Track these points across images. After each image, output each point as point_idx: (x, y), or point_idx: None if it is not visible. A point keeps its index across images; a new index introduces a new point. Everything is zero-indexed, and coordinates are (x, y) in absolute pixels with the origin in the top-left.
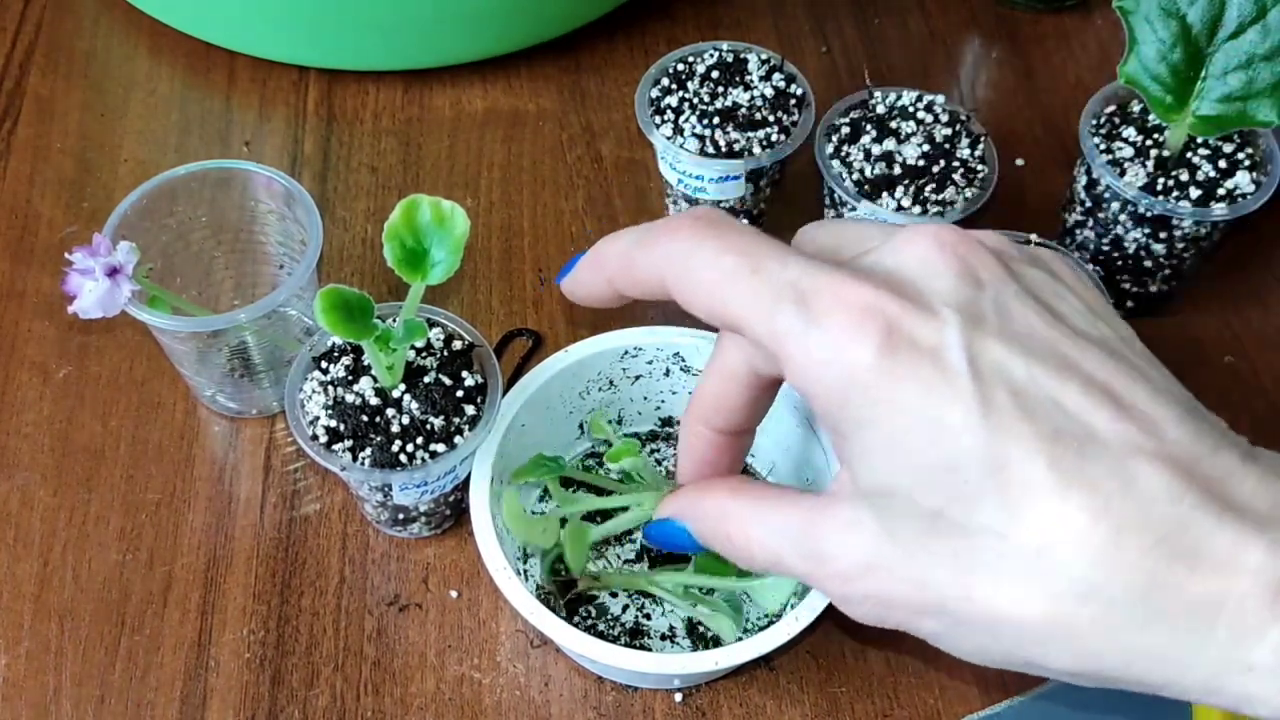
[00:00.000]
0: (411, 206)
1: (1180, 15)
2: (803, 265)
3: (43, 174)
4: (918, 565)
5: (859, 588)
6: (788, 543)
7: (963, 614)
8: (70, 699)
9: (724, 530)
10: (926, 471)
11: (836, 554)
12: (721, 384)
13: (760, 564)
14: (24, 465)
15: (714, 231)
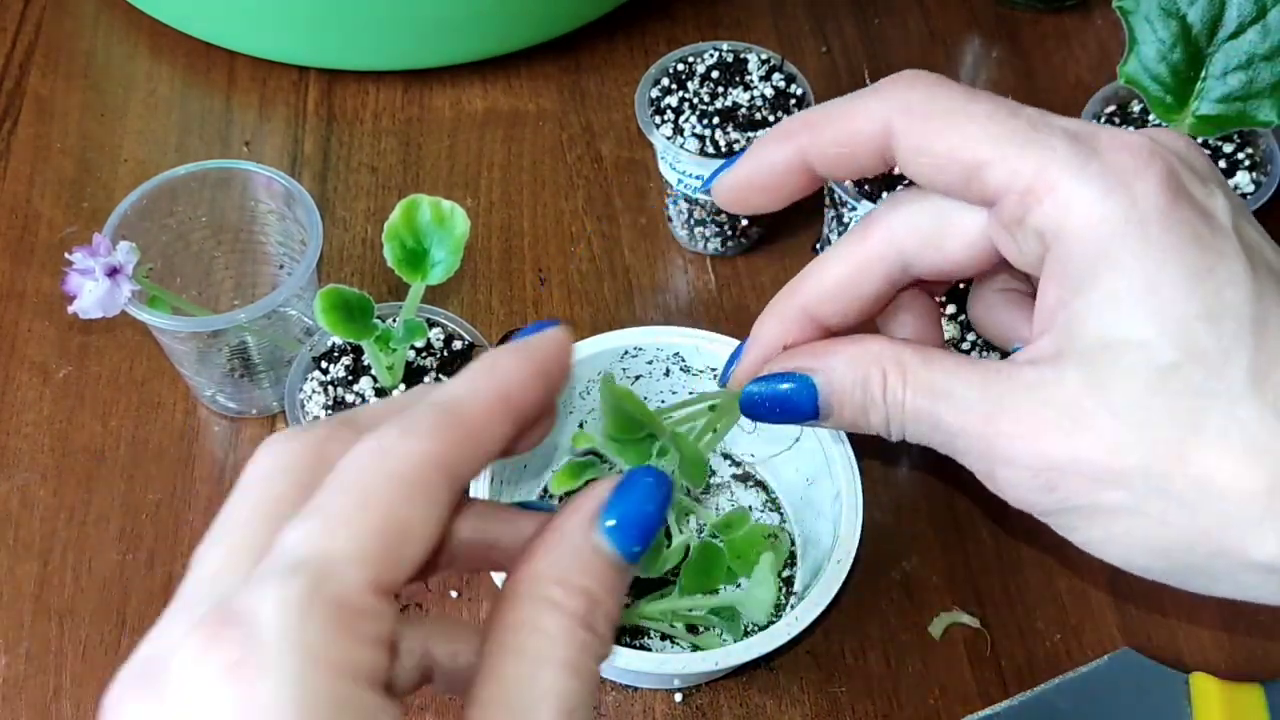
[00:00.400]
0: (411, 206)
1: (1180, 15)
2: (1062, 117)
3: (43, 174)
4: (1126, 425)
5: (1033, 450)
6: (955, 394)
7: (1165, 484)
8: (70, 699)
9: (872, 374)
10: (1178, 321)
11: (1020, 412)
12: (854, 268)
13: (908, 414)
14: (24, 465)
15: (950, 82)
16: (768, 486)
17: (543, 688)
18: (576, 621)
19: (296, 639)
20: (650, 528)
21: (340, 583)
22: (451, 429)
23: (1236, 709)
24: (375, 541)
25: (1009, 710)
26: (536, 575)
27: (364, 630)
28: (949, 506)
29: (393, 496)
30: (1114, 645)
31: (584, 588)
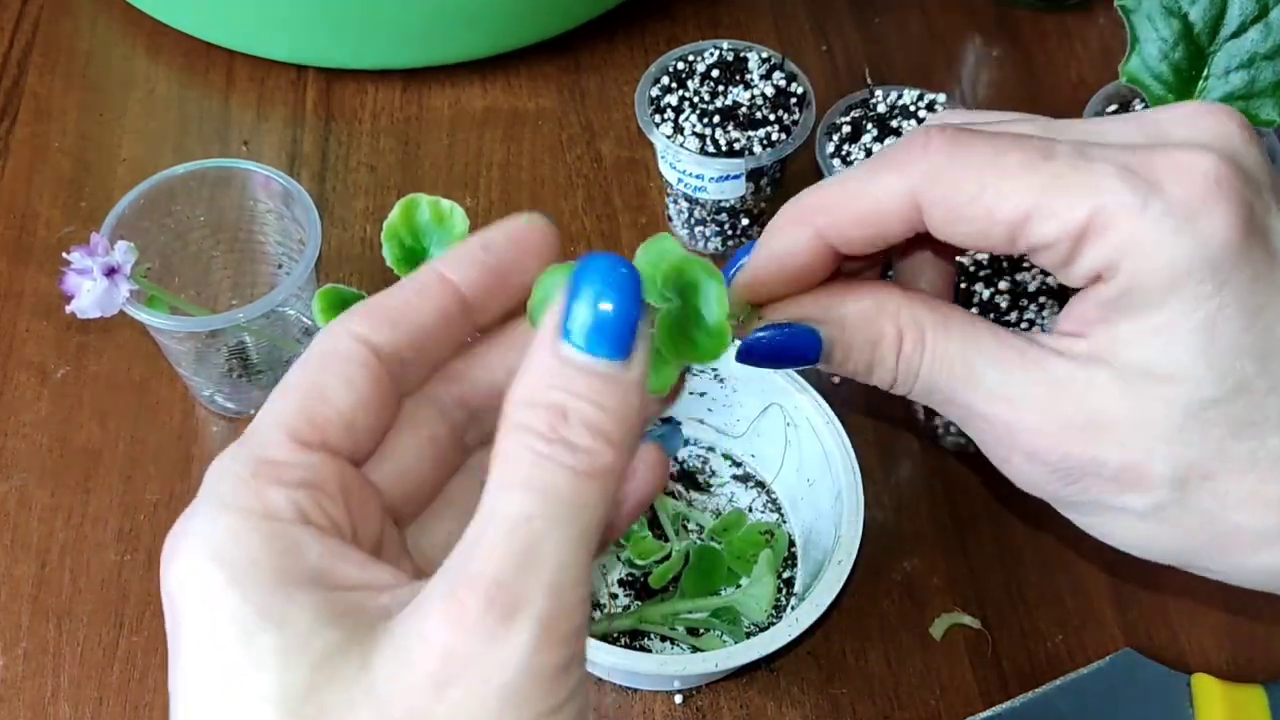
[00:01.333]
0: (410, 206)
1: (1182, 14)
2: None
3: (41, 173)
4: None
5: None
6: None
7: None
8: (69, 700)
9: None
10: (1228, 359)
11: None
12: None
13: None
14: (22, 466)
15: (970, 134)
16: (768, 487)
17: (498, 509)
18: (535, 436)
19: (212, 490)
20: (618, 322)
21: (257, 443)
22: (371, 306)
23: (1238, 710)
24: (287, 404)
25: (1010, 711)
26: (508, 403)
27: (282, 475)
28: (950, 507)
29: (309, 368)
30: (1116, 646)
31: (549, 401)
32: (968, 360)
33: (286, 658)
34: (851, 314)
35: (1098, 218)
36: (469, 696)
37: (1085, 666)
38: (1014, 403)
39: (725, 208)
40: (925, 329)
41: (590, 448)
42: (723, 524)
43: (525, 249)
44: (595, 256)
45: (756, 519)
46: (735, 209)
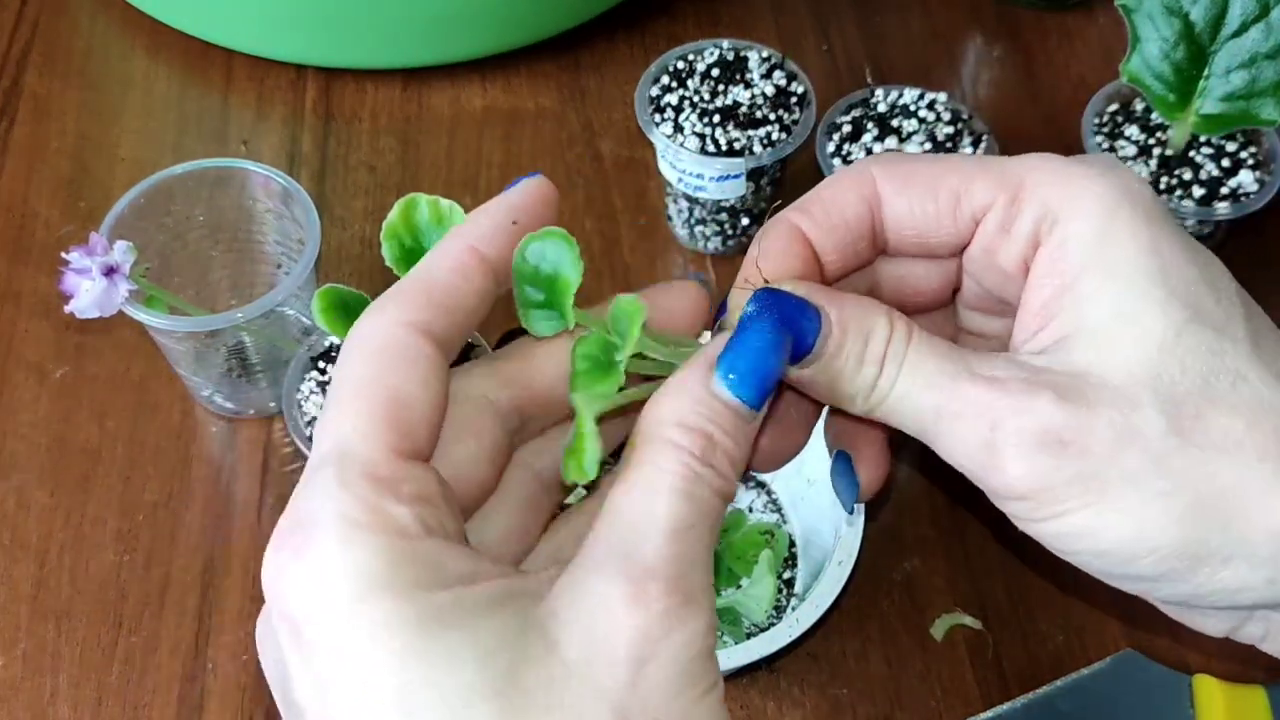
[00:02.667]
0: (410, 205)
1: (1183, 13)
2: None
3: (39, 173)
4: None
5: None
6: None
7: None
8: (67, 701)
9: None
10: (1185, 284)
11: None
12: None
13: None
14: (20, 466)
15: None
16: (768, 487)
17: (654, 511)
18: (691, 456)
19: (334, 513)
20: (765, 375)
21: (360, 459)
22: (417, 292)
23: (1239, 711)
24: (376, 414)
25: (1011, 712)
26: (657, 419)
27: (399, 491)
28: (951, 507)
29: (378, 371)
30: (1116, 647)
31: (701, 428)
32: (952, 350)
33: (478, 648)
34: (849, 301)
35: (1028, 178)
36: (665, 671)
37: (1086, 667)
38: (1000, 380)
39: (725, 207)
40: (912, 326)
41: (729, 475)
42: (723, 524)
43: (543, 217)
44: (764, 316)
45: (756, 519)
46: (735, 209)
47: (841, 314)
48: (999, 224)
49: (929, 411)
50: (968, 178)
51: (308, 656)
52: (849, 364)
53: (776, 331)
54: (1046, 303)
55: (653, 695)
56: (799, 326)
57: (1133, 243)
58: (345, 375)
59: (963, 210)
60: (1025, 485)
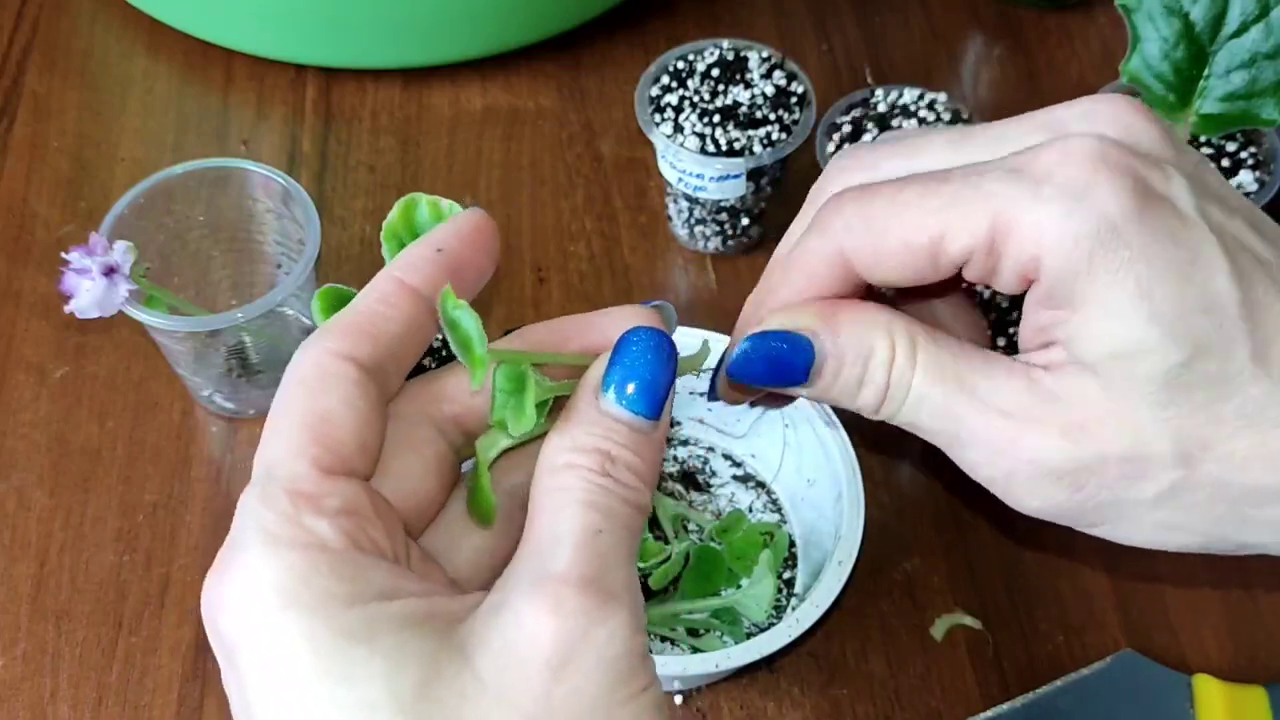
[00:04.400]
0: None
1: (1183, 13)
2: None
3: (39, 173)
4: (1151, 420)
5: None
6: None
7: (1194, 468)
8: (67, 701)
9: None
10: (1179, 320)
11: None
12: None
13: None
14: (20, 466)
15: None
16: (768, 487)
17: (560, 525)
18: (590, 471)
19: (255, 530)
20: (652, 384)
21: (284, 476)
22: (343, 323)
23: (1239, 711)
24: (301, 434)
25: (1011, 712)
26: (554, 449)
27: (322, 505)
28: (951, 507)
29: (303, 395)
30: (1116, 646)
31: (595, 447)
32: (960, 373)
33: (388, 664)
34: (845, 325)
35: (999, 220)
36: (585, 675)
37: (1086, 667)
38: (1011, 415)
39: (725, 207)
40: (917, 341)
41: (634, 484)
42: (723, 524)
43: (475, 245)
44: (641, 330)
45: (757, 519)
46: (735, 208)
47: (836, 341)
48: (982, 271)
49: (943, 436)
50: (936, 231)
51: (237, 673)
52: (849, 388)
53: (655, 339)
54: (1045, 328)
55: (571, 701)
56: (789, 363)
57: (1118, 285)
58: (277, 404)
59: (941, 265)
60: (1046, 514)
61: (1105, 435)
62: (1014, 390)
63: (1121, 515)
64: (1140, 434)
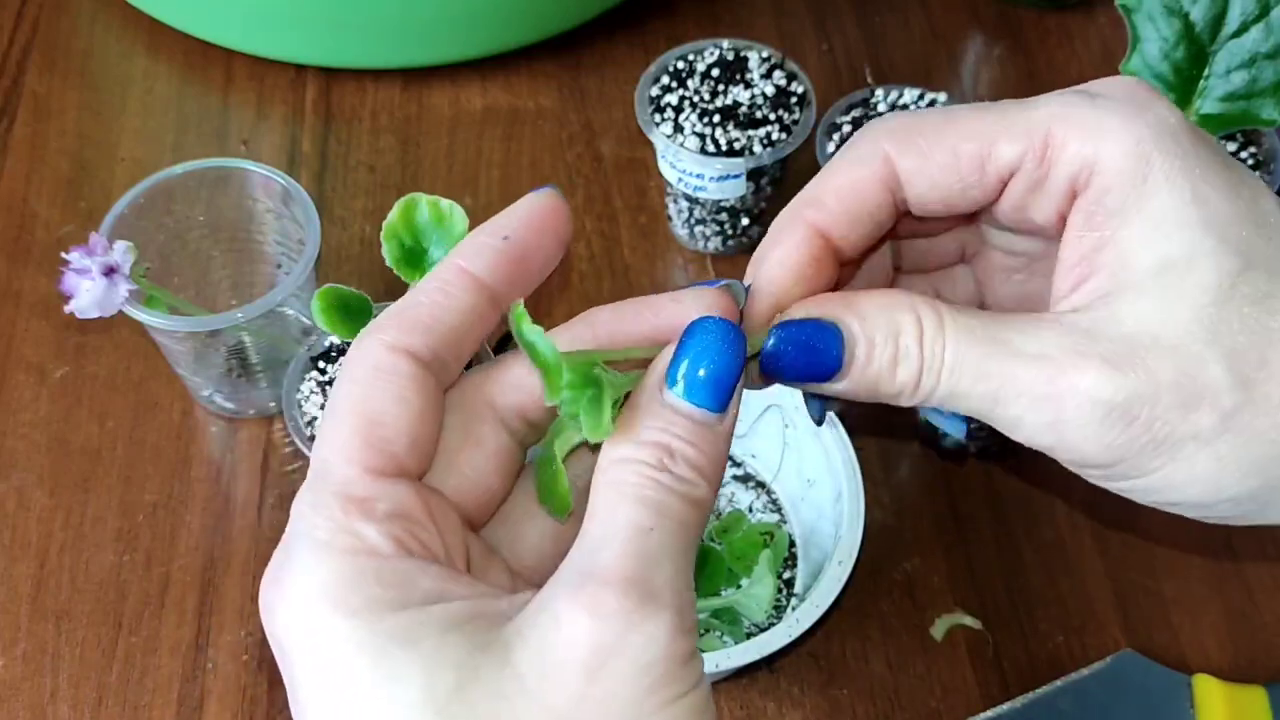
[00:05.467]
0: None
1: (1183, 13)
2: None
3: (39, 173)
4: (1203, 341)
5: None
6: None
7: (1251, 391)
8: (67, 701)
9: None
10: (1233, 229)
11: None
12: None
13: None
14: (20, 466)
15: (919, 111)
16: (768, 487)
17: (612, 522)
18: (648, 466)
19: (306, 536)
20: (719, 375)
21: (335, 480)
22: (399, 314)
23: (1239, 711)
24: (352, 435)
25: (1011, 712)
26: (613, 444)
27: (372, 510)
28: (951, 507)
29: (356, 392)
30: (1116, 646)
31: (655, 441)
32: (991, 332)
33: (426, 667)
34: (871, 307)
35: (1056, 123)
36: (620, 679)
37: (1086, 667)
38: (1050, 358)
39: (725, 207)
40: (943, 312)
41: (694, 480)
42: (723, 525)
43: (542, 230)
44: (708, 320)
45: (757, 519)
46: (735, 209)
47: (864, 323)
48: (1028, 184)
49: (984, 399)
50: (989, 139)
51: (290, 673)
52: (884, 370)
53: (720, 329)
54: (1086, 256)
55: (604, 705)
56: (821, 350)
57: (1175, 190)
58: (331, 401)
59: (988, 174)
60: (1099, 459)
61: (1154, 360)
62: (1050, 334)
63: (1177, 453)
64: (1192, 355)
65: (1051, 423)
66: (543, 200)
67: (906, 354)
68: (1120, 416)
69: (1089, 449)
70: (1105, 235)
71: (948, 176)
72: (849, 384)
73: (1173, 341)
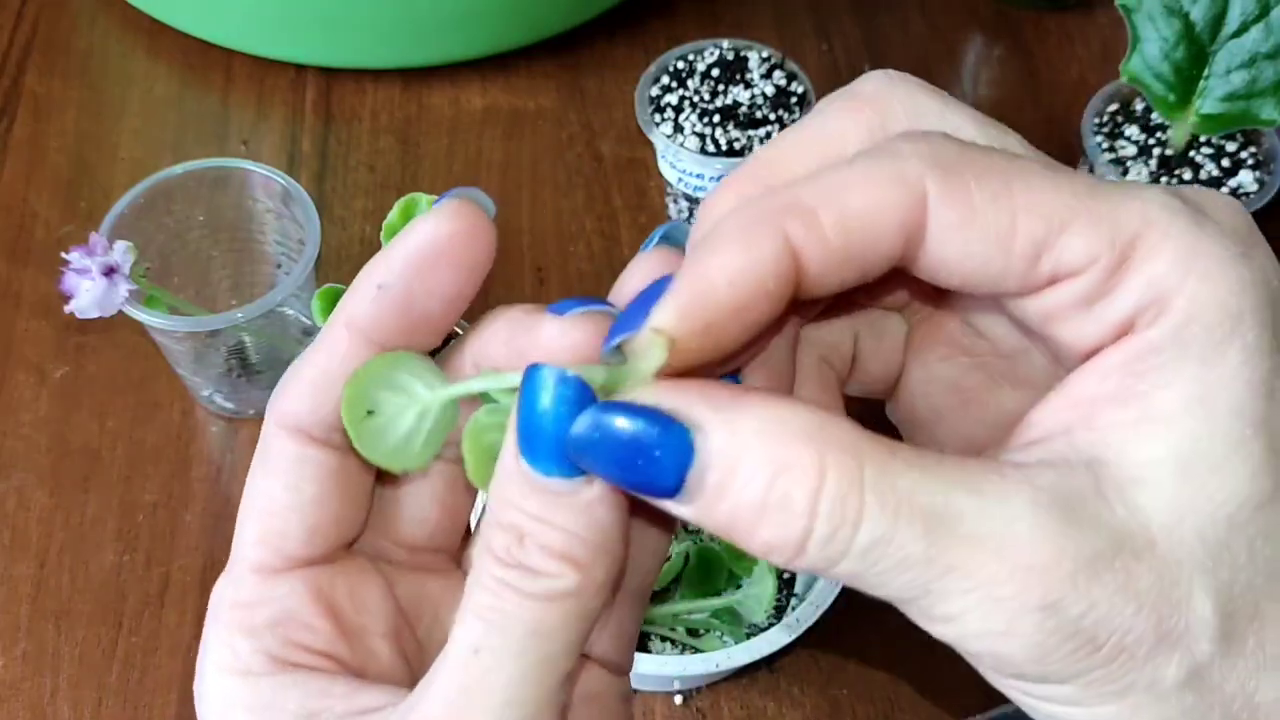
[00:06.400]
0: (410, 205)
1: (1183, 13)
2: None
3: (39, 173)
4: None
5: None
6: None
7: (1233, 646)
8: (67, 701)
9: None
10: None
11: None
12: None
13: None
14: (20, 466)
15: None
16: None
17: (453, 640)
18: (493, 560)
19: (204, 646)
20: (552, 438)
21: (231, 578)
22: (295, 385)
23: None
24: (244, 527)
25: (1014, 713)
26: (488, 506)
27: (253, 621)
28: None
29: (252, 482)
30: None
31: (507, 522)
32: (936, 496)
33: None
34: (751, 415)
35: (1150, 230)
36: None
37: None
38: (1008, 542)
39: None
40: (863, 454)
41: (548, 570)
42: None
43: (433, 267)
44: (537, 367)
45: None
46: None
47: (731, 437)
48: (1085, 295)
49: (909, 588)
50: (1059, 220)
51: None
52: (743, 516)
53: (552, 379)
54: (1098, 401)
55: None
56: (655, 459)
57: (1251, 368)
58: (247, 484)
59: (1041, 268)
60: (1033, 674)
61: (1140, 573)
62: (1019, 505)
63: (1122, 697)
64: (1183, 580)
65: (1003, 632)
66: (436, 225)
67: (785, 503)
68: (1085, 640)
69: (1028, 666)
70: (1139, 389)
71: (991, 249)
72: (693, 514)
73: (1166, 555)
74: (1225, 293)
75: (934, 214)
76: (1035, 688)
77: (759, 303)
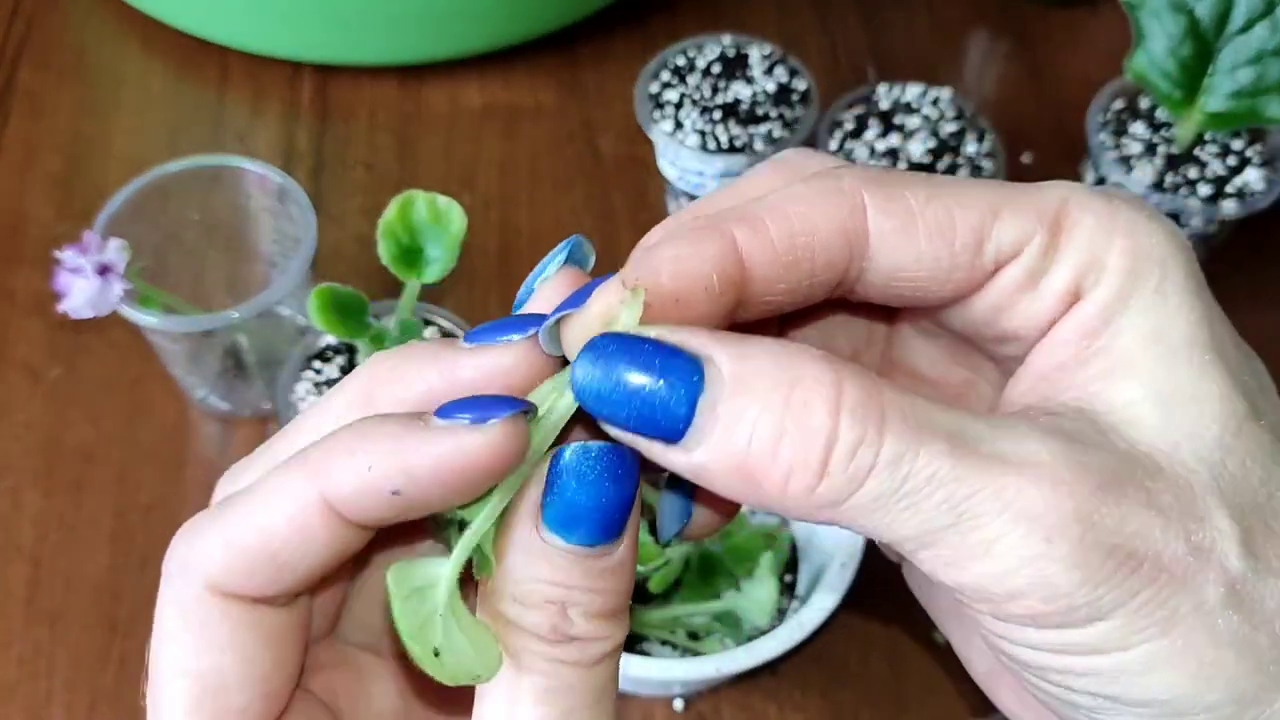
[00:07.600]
0: (407, 203)
1: (1188, 10)
2: None
3: (33, 171)
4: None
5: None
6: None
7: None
8: (61, 704)
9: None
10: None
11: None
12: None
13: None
14: (14, 467)
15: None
16: None
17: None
18: (544, 641)
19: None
20: (597, 511)
21: None
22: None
23: None
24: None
25: None
26: (493, 591)
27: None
28: None
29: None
30: None
31: (546, 599)
32: (949, 419)
33: None
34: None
35: (1070, 206)
36: None
37: None
38: (1030, 462)
39: None
40: (875, 378)
41: (598, 634)
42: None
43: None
44: (573, 453)
45: (757, 522)
46: None
47: (742, 362)
48: (1028, 273)
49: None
50: (991, 209)
51: None
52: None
53: (604, 458)
54: (1065, 366)
55: None
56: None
57: (1190, 311)
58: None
59: (985, 256)
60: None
61: (1165, 499)
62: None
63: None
64: (1202, 503)
65: (1044, 554)
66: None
67: (804, 413)
68: (1126, 557)
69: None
70: (1099, 346)
71: (938, 246)
72: (703, 456)
73: (1176, 478)
74: (1149, 244)
75: (874, 223)
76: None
77: (699, 298)
